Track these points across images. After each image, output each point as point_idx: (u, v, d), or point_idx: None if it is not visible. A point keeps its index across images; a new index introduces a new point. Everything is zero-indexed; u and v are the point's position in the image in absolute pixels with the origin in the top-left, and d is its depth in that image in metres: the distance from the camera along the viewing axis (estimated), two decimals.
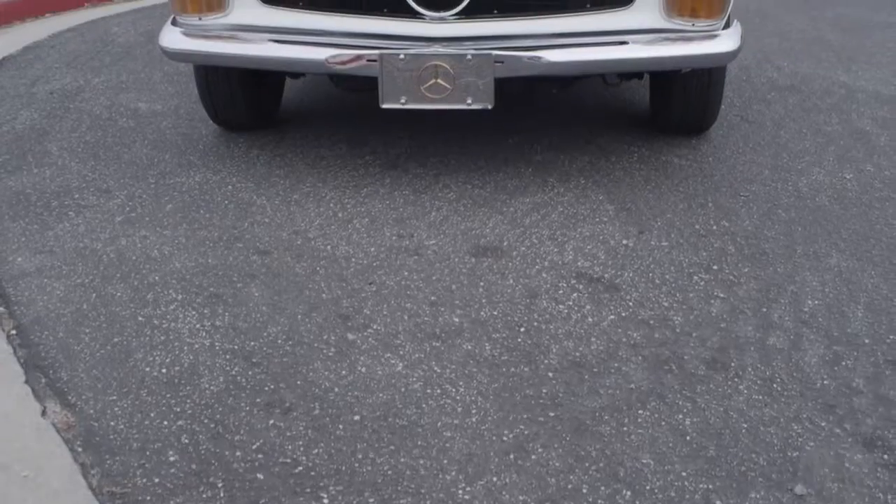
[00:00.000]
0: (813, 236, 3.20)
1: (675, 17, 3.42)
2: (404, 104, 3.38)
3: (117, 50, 5.92)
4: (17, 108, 4.69)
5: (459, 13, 3.35)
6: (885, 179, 3.68)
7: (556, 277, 2.92)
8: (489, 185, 3.61)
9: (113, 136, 4.25)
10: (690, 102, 3.91)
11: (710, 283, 2.88)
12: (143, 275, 2.97)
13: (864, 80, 5.09)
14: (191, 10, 3.56)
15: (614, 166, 3.78)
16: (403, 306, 2.76)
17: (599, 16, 3.43)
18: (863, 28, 6.54)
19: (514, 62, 3.33)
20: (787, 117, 4.43)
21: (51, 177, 3.77)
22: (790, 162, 3.85)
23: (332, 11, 3.46)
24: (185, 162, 3.91)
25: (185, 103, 4.68)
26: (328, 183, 3.65)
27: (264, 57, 3.51)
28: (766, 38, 6.15)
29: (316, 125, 4.29)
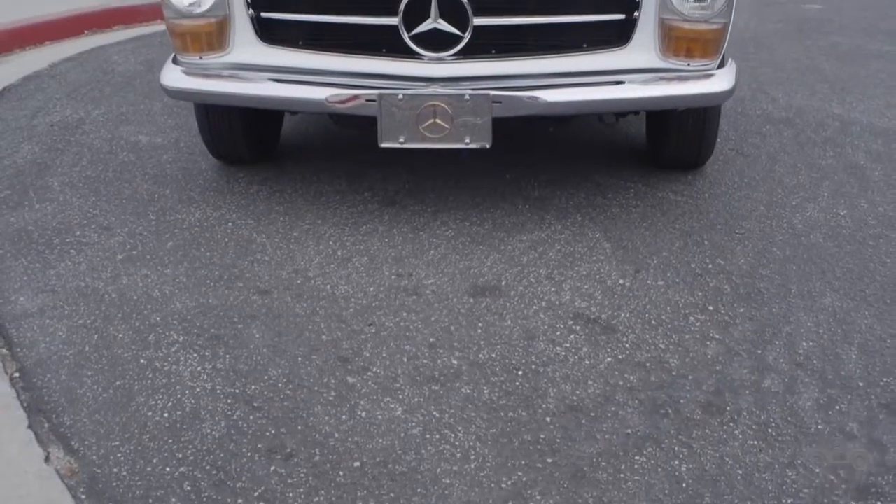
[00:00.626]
0: (807, 275, 3.23)
1: (671, 58, 3.46)
2: (403, 143, 3.42)
3: (117, 80, 5.96)
4: (18, 140, 4.73)
5: (457, 53, 3.39)
6: (878, 216, 3.71)
7: (553, 318, 2.95)
8: (487, 223, 3.64)
9: (114, 170, 4.28)
10: (686, 138, 3.95)
11: (705, 324, 2.91)
12: (145, 315, 2.99)
13: (859, 112, 5.14)
14: (192, 50, 3.60)
15: (611, 202, 3.82)
16: (402, 348, 2.79)
17: (596, 56, 3.47)
18: (857, 57, 6.60)
19: (511, 102, 3.37)
20: (781, 151, 4.47)
21: (52, 213, 3.80)
22: (785, 197, 3.89)
23: (331, 51, 3.51)
24: (185, 197, 3.94)
25: (185, 136, 4.72)
26: (327, 220, 3.68)
27: (264, 96, 3.55)
28: (760, 68, 6.21)
29: (315, 159, 4.33)
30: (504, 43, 3.42)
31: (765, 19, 8.16)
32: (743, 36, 7.27)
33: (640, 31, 3.45)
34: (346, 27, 3.45)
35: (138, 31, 7.90)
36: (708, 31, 3.44)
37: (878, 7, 8.88)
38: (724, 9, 3.42)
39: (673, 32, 3.43)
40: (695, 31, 3.43)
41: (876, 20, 8.14)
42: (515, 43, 3.44)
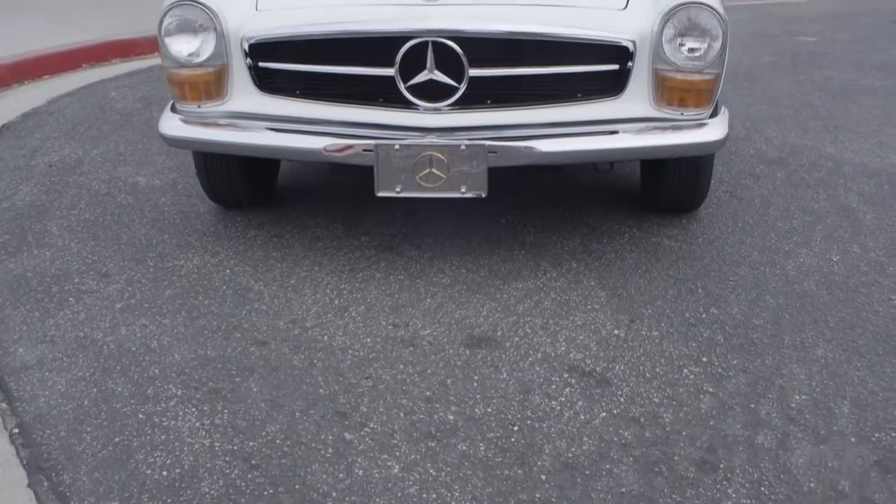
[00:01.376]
0: (800, 325, 3.26)
1: (665, 107, 3.51)
2: (399, 193, 3.45)
3: (115, 118, 6.00)
4: (17, 181, 4.76)
5: (453, 104, 3.43)
6: (870, 262, 3.75)
7: (548, 371, 2.97)
8: (483, 269, 3.67)
9: (112, 213, 4.31)
10: (681, 183, 3.99)
11: (699, 376, 2.94)
12: (144, 367, 3.02)
13: (851, 152, 5.18)
14: (190, 98, 3.64)
15: (605, 248, 3.85)
16: (399, 403, 2.81)
17: (590, 105, 3.51)
18: (849, 93, 6.65)
19: (507, 152, 3.41)
20: (775, 193, 4.51)
21: (51, 259, 3.82)
22: (778, 243, 3.93)
23: (328, 101, 3.54)
24: (183, 243, 3.97)
25: (183, 178, 4.75)
26: (325, 267, 3.71)
27: (262, 145, 3.58)
28: (754, 105, 6.26)
29: (312, 202, 4.37)
30: (499, 93, 3.46)
31: (758, 53, 8.22)
32: (737, 70, 7.33)
33: (634, 82, 3.49)
34: (343, 77, 3.49)
35: (135, 65, 7.94)
36: (701, 82, 3.47)
37: (870, 40, 8.95)
38: (716, 60, 3.46)
39: (666, 83, 3.47)
40: (688, 82, 3.47)
41: (868, 53, 8.20)
42: (511, 93, 3.48)
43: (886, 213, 4.25)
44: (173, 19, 3.55)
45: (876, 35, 9.25)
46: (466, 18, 3.37)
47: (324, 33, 3.46)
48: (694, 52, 3.44)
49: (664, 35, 3.42)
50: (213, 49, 3.55)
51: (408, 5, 3.43)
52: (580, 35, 3.41)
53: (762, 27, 9.77)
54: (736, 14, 10.29)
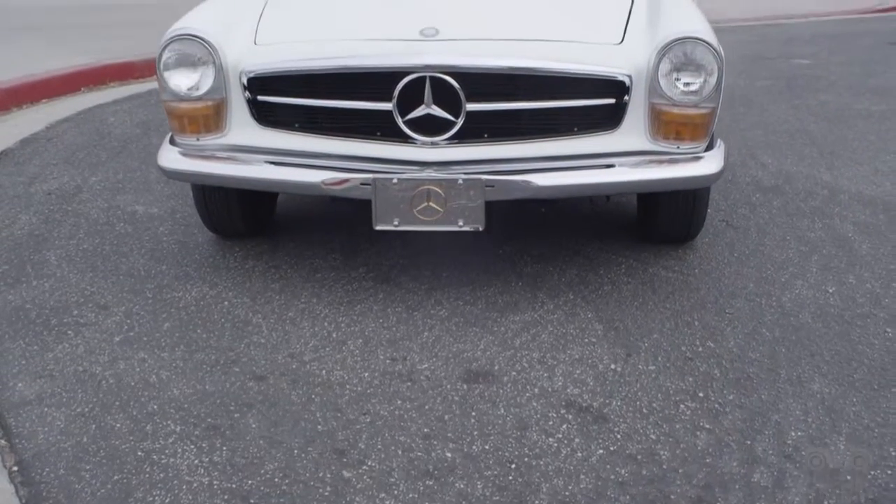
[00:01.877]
0: (796, 358, 3.28)
1: (661, 141, 3.53)
2: (397, 226, 3.48)
3: (114, 144, 6.02)
4: (16, 210, 4.77)
5: (451, 138, 3.45)
6: (866, 293, 3.77)
7: (546, 406, 2.99)
8: (480, 301, 3.69)
9: (111, 243, 4.33)
10: (677, 214, 4.01)
11: (696, 412, 2.96)
12: (142, 403, 3.03)
13: (846, 179, 5.21)
14: (189, 131, 3.66)
15: (602, 279, 3.87)
16: (397, 439, 2.82)
17: (587, 139, 3.54)
18: (844, 118, 6.68)
19: (504, 186, 3.43)
20: (771, 222, 4.53)
21: (50, 290, 3.84)
22: (774, 274, 3.94)
23: (326, 134, 3.56)
24: (181, 274, 3.98)
25: (181, 206, 4.77)
26: (323, 298, 3.72)
27: (260, 179, 3.60)
28: (750, 130, 6.29)
29: (310, 232, 4.39)
30: (496, 127, 3.48)
31: (754, 76, 8.26)
32: (733, 94, 7.36)
33: (630, 115, 3.51)
34: (342, 111, 3.51)
35: (134, 89, 7.96)
36: (697, 116, 3.50)
37: (865, 62, 8.99)
38: (712, 94, 3.48)
39: (662, 116, 3.49)
40: (684, 116, 3.49)
41: (863, 76, 8.24)
42: (508, 127, 3.50)
43: (881, 243, 4.27)
44: (172, 53, 3.58)
45: (871, 57, 9.29)
46: (463, 54, 3.39)
47: (322, 68, 3.48)
48: (690, 87, 3.46)
49: (660, 69, 3.45)
50: (212, 83, 3.57)
51: (406, 40, 3.45)
52: (577, 70, 3.43)
53: (757, 49, 9.81)
54: (731, 35, 10.35)
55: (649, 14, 3.79)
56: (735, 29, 11.59)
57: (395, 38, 3.49)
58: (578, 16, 3.83)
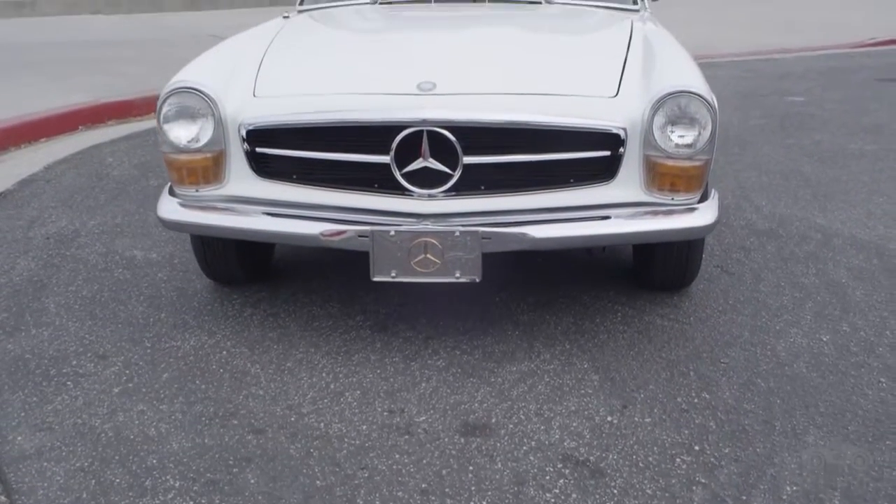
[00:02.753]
0: (791, 410, 3.30)
1: (656, 192, 3.57)
2: (395, 277, 3.50)
3: (112, 186, 6.05)
4: (14, 255, 4.80)
5: (448, 190, 3.48)
6: (860, 341, 3.79)
7: (542, 460, 3.01)
8: (477, 351, 3.71)
9: (109, 290, 4.35)
10: (672, 262, 4.05)
11: (691, 465, 2.98)
12: (142, 457, 3.04)
13: (840, 222, 5.25)
14: (188, 183, 3.69)
15: (598, 328, 3.90)
16: (395, 495, 2.84)
17: (583, 191, 3.57)
18: (838, 158, 6.74)
19: (501, 238, 3.46)
20: (765, 268, 4.57)
21: (49, 339, 3.86)
22: (769, 322, 3.97)
23: (324, 186, 3.59)
24: (180, 322, 4.00)
25: (180, 251, 4.80)
26: (321, 348, 3.75)
27: (259, 230, 3.63)
28: (744, 172, 6.34)
29: (308, 279, 4.41)
30: (493, 179, 3.51)
31: (748, 115, 8.32)
32: (727, 133, 7.42)
33: (626, 167, 3.55)
34: (339, 164, 3.54)
35: (132, 127, 8.02)
36: (691, 168, 3.54)
37: (858, 100, 9.06)
38: (706, 146, 3.52)
39: (657, 168, 3.53)
40: (678, 168, 3.53)
41: (857, 115, 8.31)
42: (504, 179, 3.53)
43: (875, 289, 4.30)
44: (172, 106, 3.61)
45: (863, 94, 9.37)
46: (460, 108, 3.43)
47: (320, 122, 3.52)
48: (684, 140, 3.50)
49: (654, 122, 3.49)
50: (212, 135, 3.61)
51: (403, 95, 3.49)
52: (572, 123, 3.47)
53: (751, 86, 9.89)
54: (725, 70, 10.45)
55: (644, 64, 3.83)
56: (729, 64, 11.69)
57: (393, 92, 3.52)
58: (574, 68, 3.88)
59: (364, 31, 4.97)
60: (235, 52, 4.14)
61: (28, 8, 17.64)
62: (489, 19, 4.90)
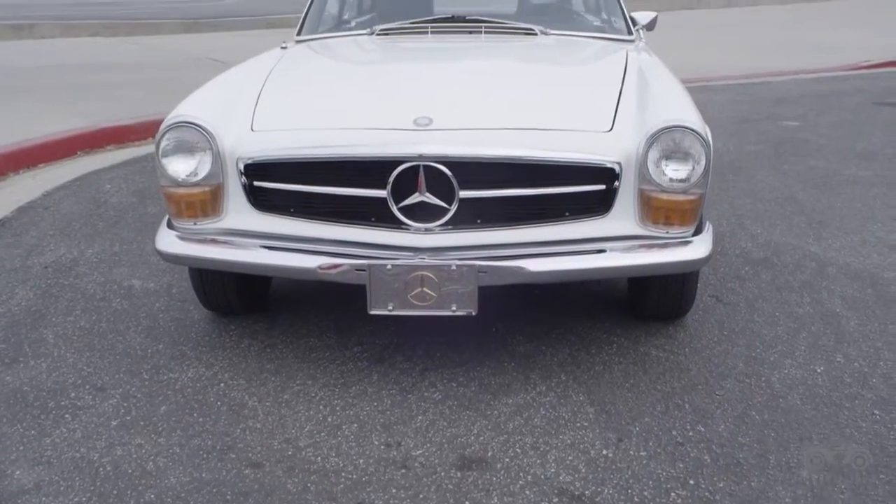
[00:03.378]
0: (785, 443, 3.32)
1: (650, 225, 3.60)
2: (391, 311, 3.53)
3: (110, 213, 6.08)
4: (13, 284, 4.82)
5: (444, 224, 3.50)
6: (853, 372, 3.82)
7: (538, 495, 3.03)
8: (474, 383, 3.74)
9: (107, 320, 4.38)
10: (667, 292, 4.08)
11: (686, 500, 3.00)
12: (139, 492, 3.06)
13: (834, 251, 5.28)
14: (186, 216, 3.72)
15: (594, 359, 3.92)
16: None
17: (578, 224, 3.60)
18: (833, 184, 6.78)
19: (497, 272, 3.49)
20: (760, 297, 4.60)
21: (47, 371, 3.88)
22: (763, 353, 4.00)
23: (321, 220, 3.62)
24: (177, 353, 4.03)
25: (178, 280, 4.82)
26: (318, 380, 3.77)
27: (256, 263, 3.66)
28: (739, 199, 6.37)
29: (305, 309, 4.44)
30: (489, 213, 3.54)
31: (743, 140, 8.36)
32: (722, 160, 7.45)
33: (620, 201, 3.58)
34: (337, 198, 3.57)
35: (130, 153, 8.04)
36: (685, 202, 3.57)
37: (853, 124, 9.11)
38: (700, 180, 3.56)
39: (651, 202, 3.56)
40: (672, 202, 3.57)
41: (851, 140, 8.35)
42: (500, 213, 3.56)
43: (868, 319, 4.33)
44: (170, 141, 3.64)
45: (858, 118, 9.41)
46: (456, 144, 3.46)
47: (318, 156, 3.56)
48: (678, 174, 3.54)
49: (649, 157, 3.52)
50: (210, 169, 3.64)
51: (400, 130, 3.52)
52: (567, 158, 3.51)
53: (746, 110, 9.93)
54: (720, 95, 10.50)
55: (639, 98, 3.87)
56: (724, 88, 11.73)
57: (390, 127, 3.56)
58: (569, 102, 3.92)
59: (362, 63, 5.01)
60: (233, 85, 4.18)
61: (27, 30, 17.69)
62: (485, 51, 4.94)
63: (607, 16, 5.68)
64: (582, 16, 5.88)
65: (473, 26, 5.15)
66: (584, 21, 5.76)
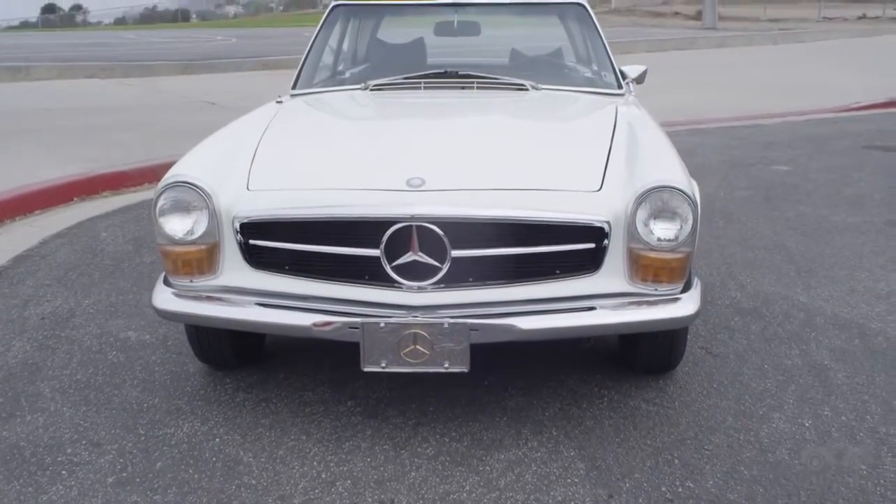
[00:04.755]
0: (773, 499, 3.37)
1: (639, 283, 3.67)
2: (385, 368, 3.58)
3: (106, 262, 6.14)
4: (10, 336, 4.87)
5: (437, 283, 3.56)
6: (841, 426, 3.87)
7: None
8: (466, 438, 3.78)
9: (103, 373, 4.42)
10: (657, 346, 4.14)
11: None
12: None
13: (823, 300, 5.35)
14: (183, 273, 3.78)
15: (585, 414, 3.97)
16: None
17: (569, 282, 3.67)
18: (822, 231, 6.86)
19: (488, 330, 3.55)
20: (749, 349, 4.65)
21: (44, 426, 3.92)
22: (752, 406, 4.05)
23: (316, 278, 3.68)
24: (173, 408, 4.07)
25: (173, 333, 4.87)
26: (312, 435, 3.81)
27: (251, 321, 3.72)
28: (729, 247, 6.45)
29: (299, 363, 4.48)
30: (481, 272, 3.60)
31: (733, 186, 8.45)
32: (713, 206, 7.54)
33: (610, 259, 3.65)
34: (331, 256, 3.63)
35: (126, 199, 8.12)
36: (673, 260, 3.64)
37: (842, 169, 9.21)
38: (687, 239, 3.63)
39: (640, 260, 3.63)
40: (661, 260, 3.63)
41: (840, 185, 8.45)
42: (491, 272, 3.62)
43: (856, 371, 4.39)
44: (167, 200, 3.71)
45: (847, 163, 9.52)
46: (448, 204, 3.53)
47: (313, 216, 3.62)
48: (666, 233, 3.61)
49: (637, 216, 3.59)
50: (206, 228, 3.70)
51: (393, 191, 3.59)
52: (557, 218, 3.58)
53: (737, 154, 10.04)
54: (711, 138, 10.61)
55: (627, 155, 3.95)
56: (716, 131, 11.85)
57: (384, 188, 3.63)
58: (559, 161, 3.99)
59: (356, 119, 5.09)
60: (230, 143, 4.26)
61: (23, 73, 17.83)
62: (477, 108, 5.02)
63: (598, 68, 5.77)
64: (573, 69, 5.97)
65: (466, 81, 5.23)
66: (574, 75, 5.86)
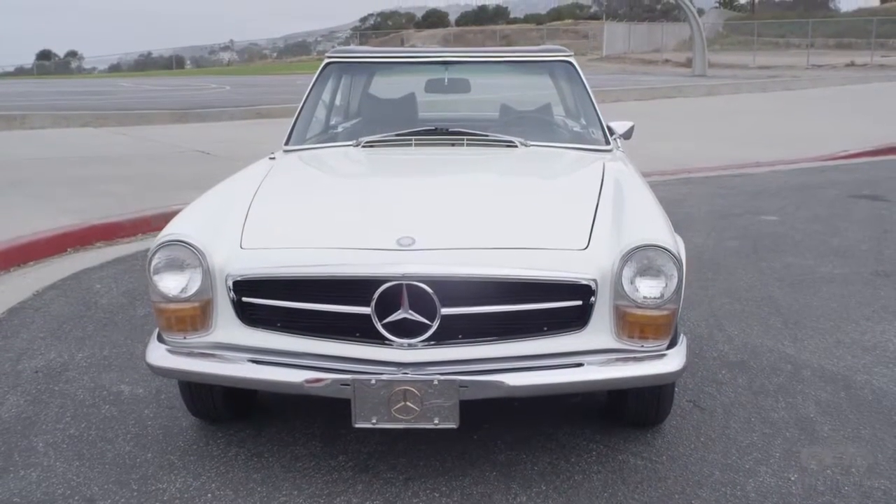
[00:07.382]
0: None
1: (626, 339, 3.73)
2: (375, 424, 3.63)
3: (100, 315, 6.18)
4: (4, 390, 4.91)
5: (426, 340, 3.63)
6: (826, 480, 3.92)
7: None
8: (456, 493, 3.82)
9: (97, 427, 4.45)
10: (645, 400, 4.19)
11: None
12: None
13: (809, 352, 5.41)
14: (176, 330, 3.83)
15: (573, 468, 4.01)
16: None
17: (556, 339, 3.73)
18: (808, 283, 6.93)
19: (477, 386, 3.60)
20: (736, 402, 4.71)
21: (37, 481, 3.95)
22: (739, 460, 4.10)
23: (307, 335, 3.74)
24: (166, 463, 4.10)
25: (166, 386, 4.91)
26: (303, 491, 3.85)
27: (243, 378, 3.77)
28: (717, 299, 6.52)
29: (291, 416, 4.52)
30: (470, 329, 3.66)
31: (722, 236, 8.54)
32: (701, 257, 7.62)
33: (597, 316, 3.71)
34: (322, 314, 3.69)
35: (120, 250, 8.17)
36: (659, 317, 3.71)
37: (829, 219, 9.31)
38: (673, 296, 3.69)
39: (627, 317, 3.70)
40: (647, 317, 3.70)
41: (828, 235, 8.54)
42: (480, 329, 3.68)
43: (842, 425, 4.44)
44: (161, 259, 3.77)
45: (834, 213, 9.62)
46: (438, 264, 3.60)
47: (305, 275, 3.68)
48: (651, 291, 3.67)
49: (623, 274, 3.66)
50: (200, 286, 3.76)
51: (383, 250, 3.66)
52: (545, 277, 3.65)
53: (725, 204, 10.14)
54: (700, 187, 10.72)
55: (614, 213, 4.03)
56: (704, 180, 11.97)
57: (374, 247, 3.70)
58: (547, 219, 4.07)
59: (348, 177, 5.18)
60: (223, 201, 4.33)
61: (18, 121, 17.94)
62: (466, 165, 5.11)
63: (586, 123, 5.87)
64: (561, 125, 6.08)
65: (456, 138, 5.33)
66: (563, 131, 5.97)
